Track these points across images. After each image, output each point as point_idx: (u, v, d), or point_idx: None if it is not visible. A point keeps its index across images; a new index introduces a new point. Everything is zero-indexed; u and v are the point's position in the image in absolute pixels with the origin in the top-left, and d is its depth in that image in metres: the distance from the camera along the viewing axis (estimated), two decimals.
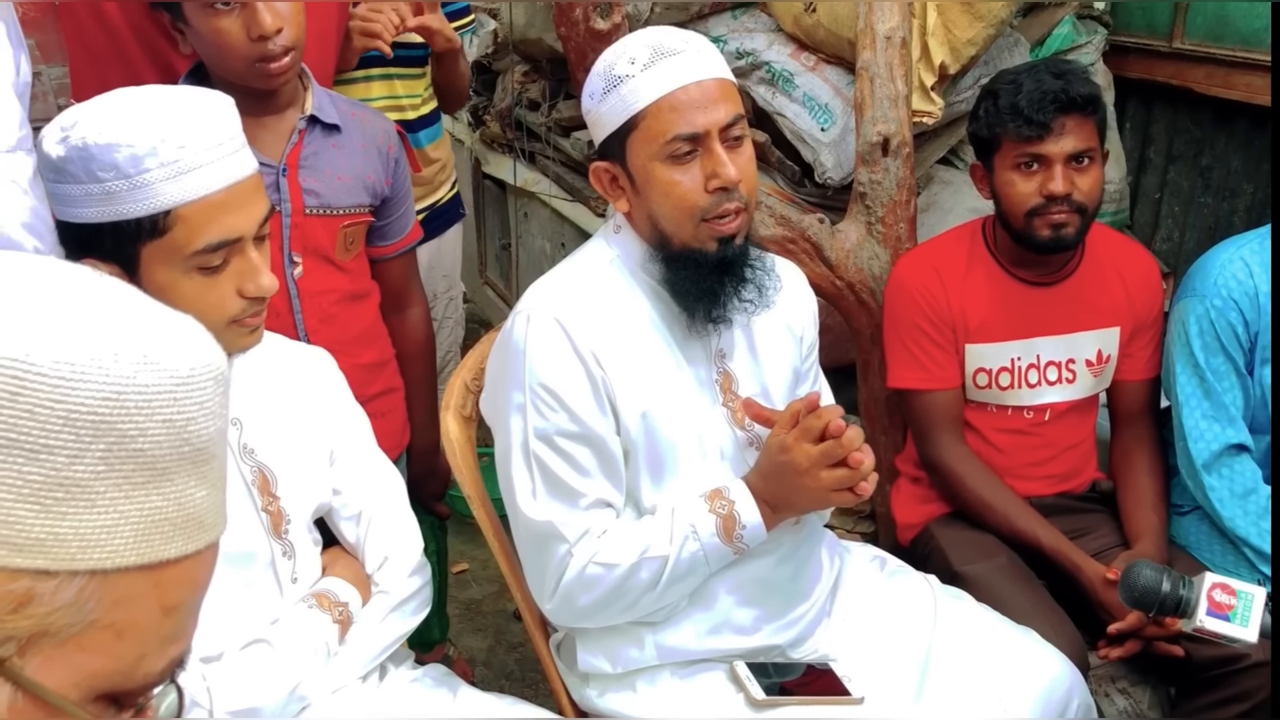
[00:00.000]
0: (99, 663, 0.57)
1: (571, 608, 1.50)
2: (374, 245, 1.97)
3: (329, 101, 1.86)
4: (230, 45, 1.66)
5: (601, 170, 1.51)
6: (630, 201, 1.50)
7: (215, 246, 1.26)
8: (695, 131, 1.42)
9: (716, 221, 1.46)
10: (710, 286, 1.48)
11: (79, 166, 1.22)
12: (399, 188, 1.95)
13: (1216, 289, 1.87)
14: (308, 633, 1.40)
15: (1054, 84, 1.83)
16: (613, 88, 1.45)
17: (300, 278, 1.81)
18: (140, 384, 0.56)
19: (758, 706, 1.50)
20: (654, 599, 1.49)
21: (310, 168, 1.80)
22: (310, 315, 1.82)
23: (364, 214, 1.88)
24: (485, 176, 4.43)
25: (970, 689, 1.55)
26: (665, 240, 1.49)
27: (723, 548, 1.49)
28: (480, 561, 3.05)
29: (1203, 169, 2.87)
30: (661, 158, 1.44)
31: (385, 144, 1.91)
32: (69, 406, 0.54)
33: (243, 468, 1.40)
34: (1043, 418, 2.03)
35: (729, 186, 1.44)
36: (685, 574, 1.49)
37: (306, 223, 1.80)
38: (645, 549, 1.46)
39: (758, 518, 1.49)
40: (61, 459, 0.54)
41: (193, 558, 0.60)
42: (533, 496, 1.47)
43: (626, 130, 1.45)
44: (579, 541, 1.47)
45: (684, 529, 1.47)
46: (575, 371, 1.45)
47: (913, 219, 2.27)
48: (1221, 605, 1.39)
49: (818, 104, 2.50)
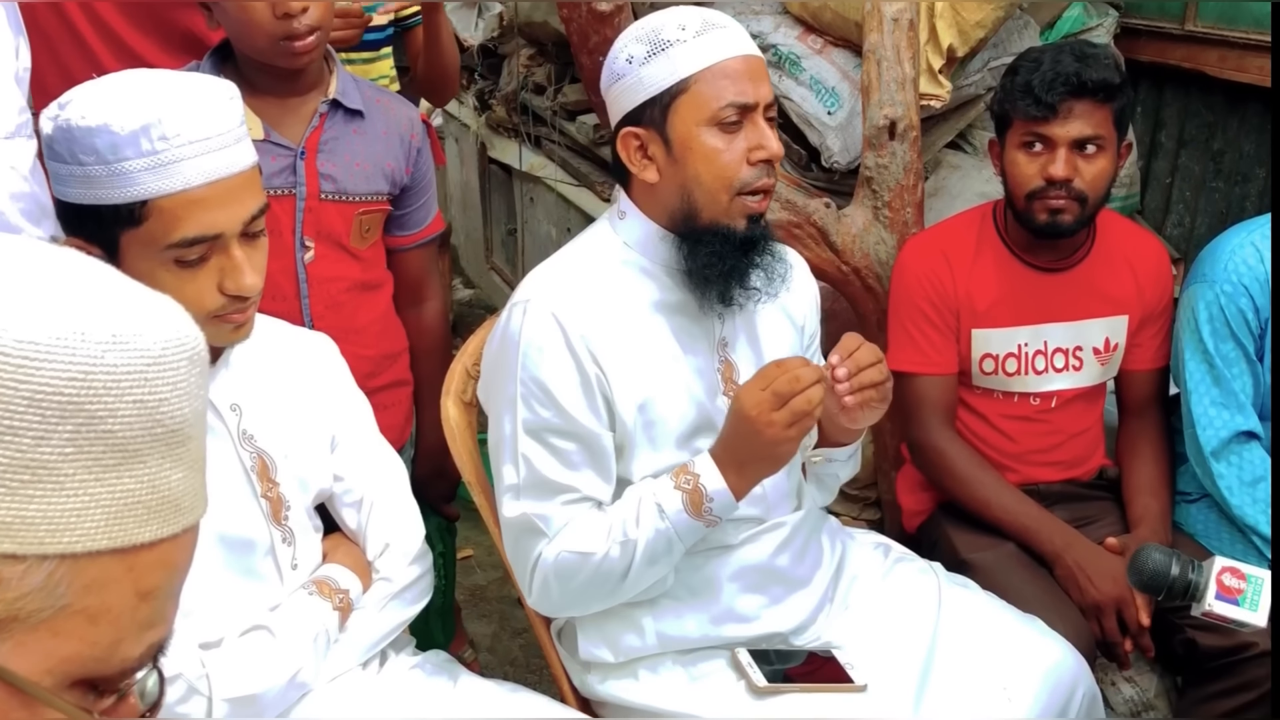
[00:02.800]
0: (72, 648, 0.56)
1: (550, 598, 1.50)
2: (391, 235, 1.95)
3: (354, 86, 1.84)
4: (256, 23, 1.65)
5: (630, 136, 1.48)
6: (661, 171, 1.47)
7: (191, 241, 1.24)
8: (748, 101, 1.43)
9: (750, 197, 1.46)
10: (731, 266, 1.47)
11: (64, 147, 1.22)
12: (420, 178, 1.93)
13: (1227, 274, 1.85)
14: (308, 620, 1.39)
15: (1070, 66, 1.80)
16: (660, 51, 1.43)
17: (311, 263, 1.79)
18: (108, 364, 0.55)
19: (760, 694, 1.49)
20: (632, 583, 1.47)
21: (329, 152, 1.79)
22: (317, 301, 1.81)
23: (382, 202, 1.86)
24: (491, 161, 4.42)
25: (975, 677, 1.54)
26: (693, 214, 1.47)
27: (692, 523, 1.45)
28: (485, 547, 3.05)
29: (1214, 153, 2.84)
30: (709, 124, 1.43)
31: (408, 132, 1.89)
32: (33, 387, 0.53)
33: (242, 454, 1.39)
34: (1049, 404, 2.01)
35: (772, 159, 1.45)
36: (660, 554, 1.46)
37: (321, 207, 1.79)
38: (614, 534, 1.45)
39: (723, 486, 1.43)
40: (27, 440, 0.53)
41: (169, 541, 0.59)
42: (516, 490, 1.47)
43: (673, 94, 1.44)
44: (557, 535, 1.46)
45: (651, 509, 1.45)
46: (568, 368, 1.44)
47: (920, 203, 2.25)
48: (1230, 589, 1.38)
49: (824, 87, 2.48)
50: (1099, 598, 1.78)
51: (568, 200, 3.62)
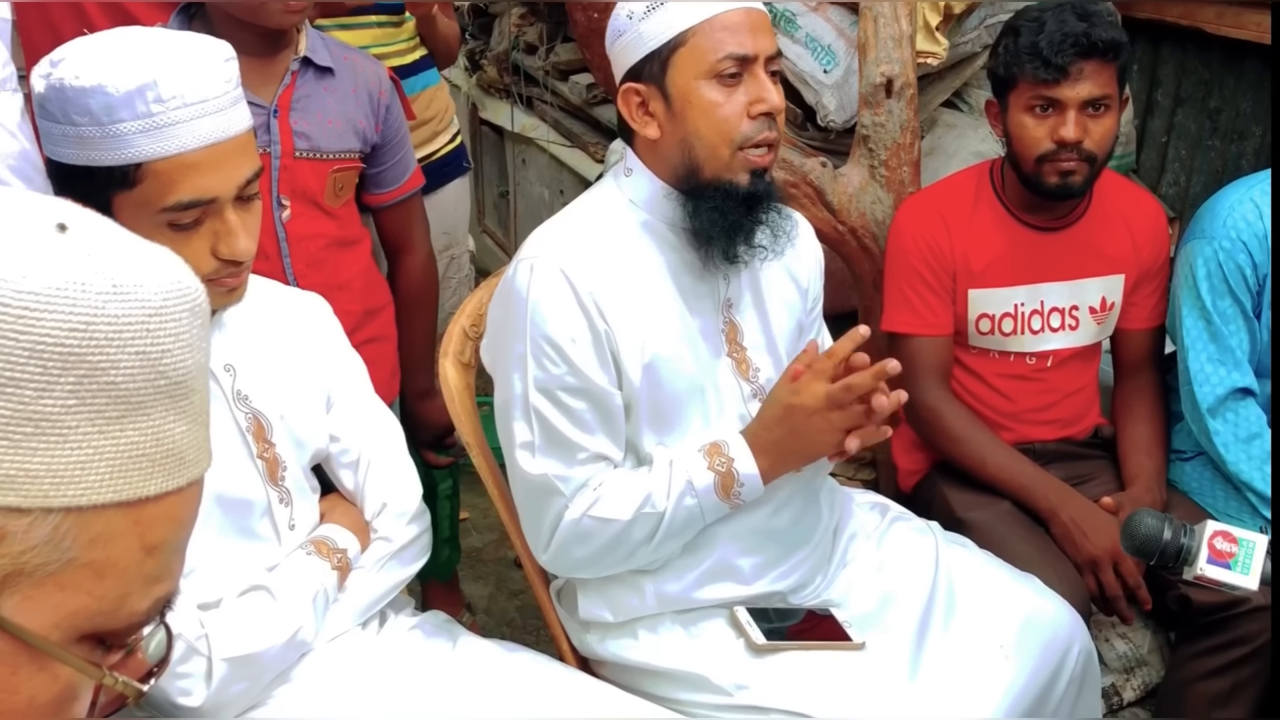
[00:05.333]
0: (79, 602, 0.56)
1: (567, 559, 1.50)
2: (370, 193, 1.94)
3: (322, 44, 1.83)
4: None
5: (631, 92, 1.47)
6: (662, 127, 1.46)
7: (185, 205, 1.22)
8: (746, 53, 1.42)
9: (752, 150, 1.45)
10: (735, 222, 1.46)
11: (56, 106, 1.20)
12: (391, 135, 1.92)
13: (1225, 230, 1.84)
14: (306, 580, 1.39)
15: (1077, 26, 1.78)
16: (659, 5, 1.42)
17: (288, 221, 1.78)
18: (110, 315, 0.54)
19: (759, 651, 1.50)
20: (649, 551, 1.49)
21: (301, 110, 1.77)
22: (298, 259, 1.80)
23: (354, 159, 1.86)
24: (483, 122, 4.38)
25: (972, 634, 1.55)
26: (695, 169, 1.46)
27: (720, 504, 1.48)
28: (480, 510, 3.05)
29: (1211, 111, 2.82)
30: (709, 76, 1.42)
31: (376, 89, 1.88)
32: (34, 338, 0.52)
33: (237, 415, 1.38)
34: (1045, 364, 2.01)
35: (772, 113, 1.44)
36: (682, 528, 1.49)
37: (296, 165, 1.78)
38: (642, 504, 1.45)
39: (755, 472, 1.47)
40: (29, 392, 0.52)
41: (174, 495, 0.58)
42: (531, 449, 1.46)
43: (671, 48, 1.42)
44: (575, 495, 1.46)
45: (681, 484, 1.46)
46: (578, 324, 1.43)
47: (916, 162, 2.23)
48: (1223, 553, 1.39)
49: (820, 45, 2.45)
50: (1095, 552, 1.79)
51: (560, 161, 3.60)
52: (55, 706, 0.57)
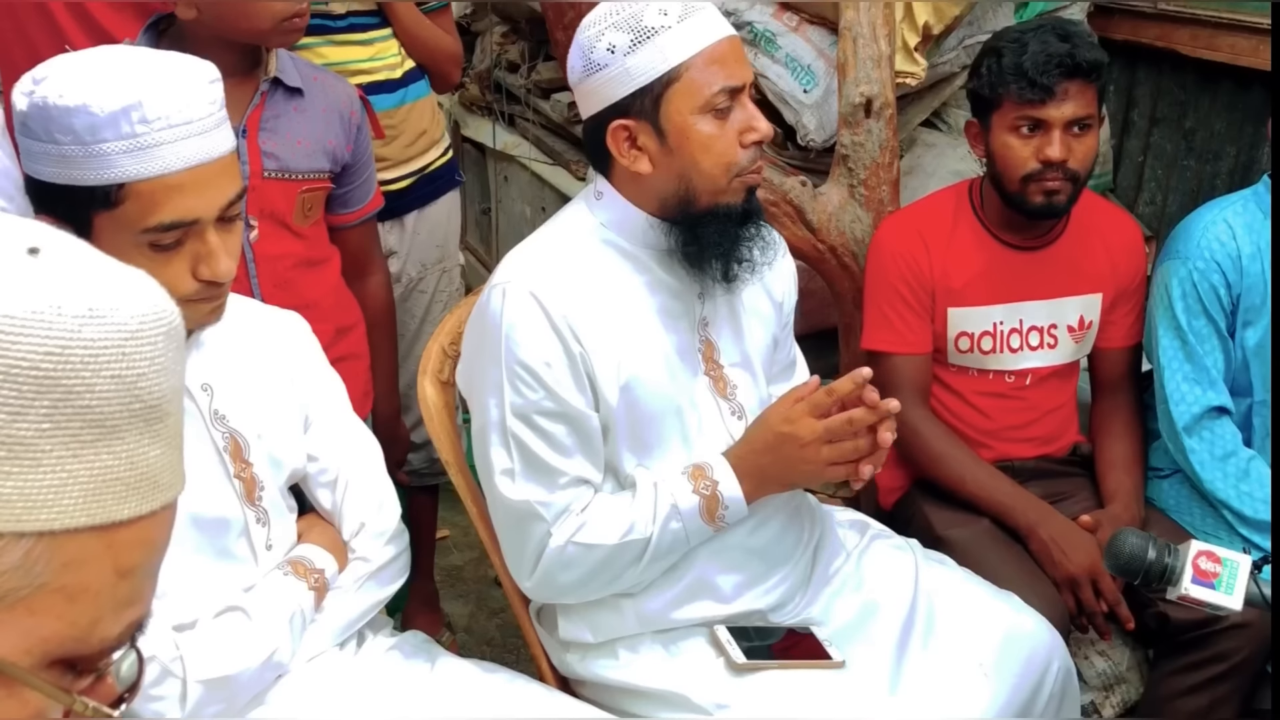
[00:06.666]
0: (51, 627, 0.55)
1: (552, 585, 1.50)
2: (334, 213, 1.94)
3: (291, 64, 1.82)
4: (263, 6, 1.65)
5: (620, 129, 1.44)
6: (655, 161, 1.45)
7: (168, 226, 1.21)
8: (736, 84, 1.42)
9: (750, 174, 1.46)
10: (733, 240, 1.47)
11: (39, 125, 1.19)
12: (360, 155, 1.92)
13: (1199, 251, 1.86)
14: (283, 600, 1.38)
15: (1060, 47, 1.79)
16: (646, 39, 1.39)
17: (256, 242, 1.78)
18: (85, 338, 0.54)
19: (739, 671, 1.49)
20: (635, 575, 1.49)
21: (270, 130, 1.77)
22: (265, 280, 1.79)
23: (323, 179, 1.85)
24: (465, 140, 4.38)
25: (951, 652, 1.55)
26: (691, 199, 1.45)
27: (704, 527, 1.49)
28: (461, 528, 3.04)
29: (1186, 131, 2.85)
30: (703, 111, 1.41)
31: (348, 109, 1.88)
32: (9, 361, 0.52)
33: (214, 434, 1.37)
34: (1024, 382, 2.02)
35: (763, 140, 1.45)
36: (667, 551, 1.49)
37: (264, 186, 1.77)
38: (627, 530, 1.45)
39: (740, 496, 1.48)
40: (2, 416, 0.52)
41: (148, 518, 0.58)
42: (511, 475, 1.45)
43: (664, 84, 1.40)
44: (558, 520, 1.46)
45: (666, 508, 1.46)
46: (553, 348, 1.43)
47: (896, 181, 2.25)
48: (1207, 573, 1.39)
49: (800, 65, 2.47)
50: (1073, 570, 1.80)
51: (542, 179, 3.60)
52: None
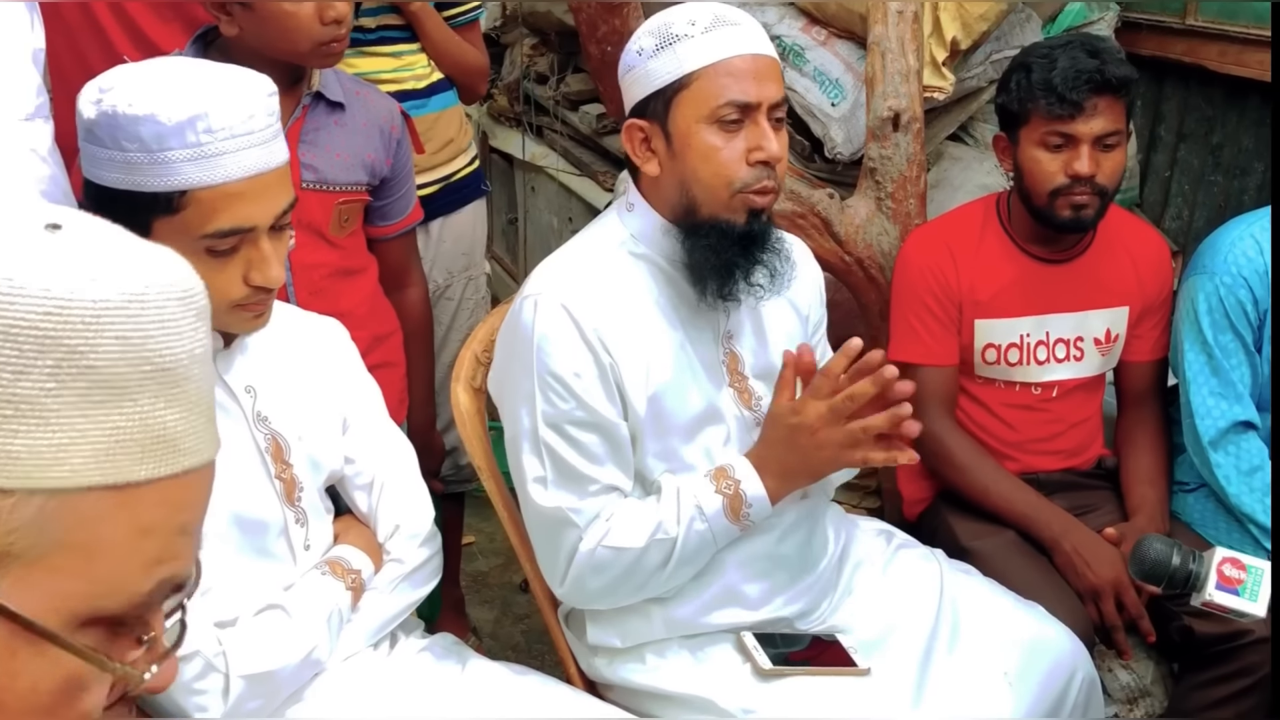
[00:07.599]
0: (72, 585, 0.55)
1: (583, 590, 1.52)
2: (373, 225, 1.98)
3: (335, 79, 1.86)
4: (300, 28, 1.68)
5: (635, 128, 1.49)
6: (662, 164, 1.48)
7: (226, 233, 1.26)
8: (747, 100, 1.43)
9: (752, 194, 1.46)
10: (729, 261, 1.47)
11: (106, 132, 1.23)
12: (400, 168, 1.96)
13: (1226, 266, 1.87)
14: (321, 599, 1.41)
15: (1089, 63, 1.81)
16: (668, 45, 1.44)
17: (292, 250, 1.81)
18: (87, 298, 0.55)
19: (765, 676, 1.51)
20: (664, 579, 1.51)
21: (310, 143, 1.81)
22: (301, 288, 1.83)
23: (361, 192, 1.89)
24: (493, 150, 4.42)
25: (976, 662, 1.57)
26: (692, 208, 1.48)
27: (730, 526, 1.50)
28: (486, 534, 3.07)
29: (1213, 147, 2.85)
30: (708, 121, 1.43)
31: (388, 124, 1.91)
32: (9, 321, 0.53)
33: (257, 435, 1.40)
34: (1050, 394, 2.03)
35: (770, 161, 1.45)
36: (694, 554, 1.50)
37: (302, 196, 1.78)
38: (654, 531, 1.47)
39: (763, 493, 1.49)
40: (6, 375, 0.53)
41: (169, 480, 0.58)
42: (544, 483, 1.48)
43: (675, 89, 1.44)
44: (589, 526, 1.48)
45: (690, 510, 1.48)
46: (583, 359, 1.45)
47: (923, 195, 2.27)
48: (1231, 580, 1.40)
49: (828, 79, 2.49)
50: (1097, 582, 1.80)
51: (569, 190, 3.63)
52: (61, 695, 0.56)
